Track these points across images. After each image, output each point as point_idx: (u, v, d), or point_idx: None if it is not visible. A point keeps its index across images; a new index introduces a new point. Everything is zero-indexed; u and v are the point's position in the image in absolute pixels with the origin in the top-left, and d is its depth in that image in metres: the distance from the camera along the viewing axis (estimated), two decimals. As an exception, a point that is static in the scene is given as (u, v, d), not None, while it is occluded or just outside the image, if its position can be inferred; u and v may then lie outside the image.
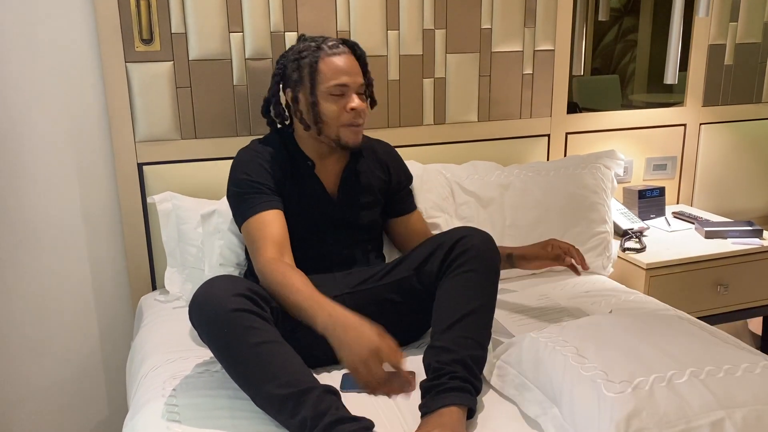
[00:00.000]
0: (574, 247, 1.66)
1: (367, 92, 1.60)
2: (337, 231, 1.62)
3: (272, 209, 1.52)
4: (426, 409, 1.24)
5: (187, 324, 1.66)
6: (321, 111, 1.53)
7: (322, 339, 1.44)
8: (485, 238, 1.43)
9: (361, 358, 1.25)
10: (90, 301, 1.99)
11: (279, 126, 1.68)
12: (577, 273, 1.66)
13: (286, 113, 1.64)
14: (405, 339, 1.57)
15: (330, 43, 1.55)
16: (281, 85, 1.61)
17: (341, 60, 1.53)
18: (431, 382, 1.28)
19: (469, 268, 1.39)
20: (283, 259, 1.46)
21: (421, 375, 1.37)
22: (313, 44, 1.55)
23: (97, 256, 1.96)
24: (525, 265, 1.71)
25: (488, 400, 1.34)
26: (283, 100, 1.64)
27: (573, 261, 1.64)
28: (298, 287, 1.38)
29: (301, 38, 1.60)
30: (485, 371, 1.37)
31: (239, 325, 1.24)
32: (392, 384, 1.32)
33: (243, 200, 1.54)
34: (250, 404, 1.28)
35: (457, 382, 1.26)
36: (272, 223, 1.50)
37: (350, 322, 1.29)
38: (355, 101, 1.53)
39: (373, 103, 1.64)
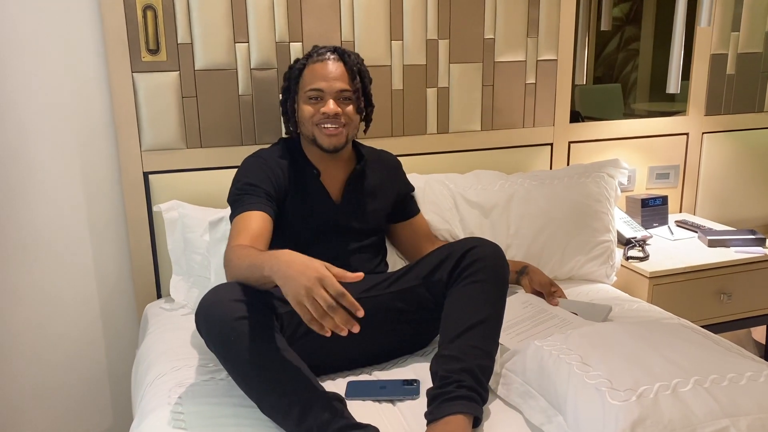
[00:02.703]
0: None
1: (357, 99, 1.61)
2: (342, 237, 1.64)
3: (259, 210, 1.52)
4: (432, 417, 1.24)
5: (193, 332, 1.68)
6: (299, 113, 1.63)
7: (326, 346, 1.45)
8: (495, 249, 1.44)
9: (305, 287, 1.12)
10: (95, 309, 1.99)
11: (286, 135, 1.74)
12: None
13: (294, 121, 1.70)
14: (412, 347, 1.58)
15: (320, 51, 1.62)
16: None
17: (323, 66, 1.59)
18: (438, 390, 1.28)
19: (478, 278, 1.39)
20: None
21: (428, 383, 1.38)
22: (310, 53, 1.64)
23: (103, 264, 1.97)
24: (524, 285, 1.82)
25: (493, 408, 1.34)
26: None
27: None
28: (249, 252, 1.33)
29: (312, 48, 1.68)
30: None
31: (244, 332, 1.24)
32: (336, 317, 1.12)
33: (237, 200, 1.56)
34: (256, 411, 1.28)
35: (464, 390, 1.26)
36: (254, 220, 1.50)
37: (295, 257, 1.19)
38: (329, 106, 1.57)
39: (360, 111, 1.63)
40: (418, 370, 1.48)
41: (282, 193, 1.60)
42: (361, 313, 1.13)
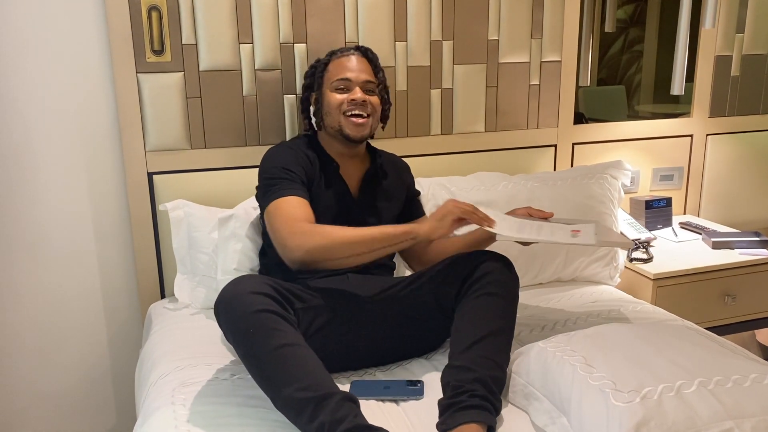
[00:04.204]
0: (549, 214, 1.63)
1: (380, 92, 1.69)
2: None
3: (301, 197, 1.53)
4: (444, 427, 1.22)
5: (196, 331, 1.68)
6: (325, 102, 1.65)
7: (335, 345, 1.45)
8: (505, 262, 1.44)
9: (451, 204, 1.44)
10: (99, 309, 2.00)
11: (306, 130, 1.78)
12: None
13: (314, 116, 1.72)
14: (419, 351, 1.58)
15: (343, 49, 1.70)
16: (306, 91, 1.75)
17: (348, 59, 1.67)
18: (450, 400, 1.26)
19: (489, 291, 1.39)
20: None
21: (431, 383, 1.37)
22: (333, 51, 1.71)
23: (107, 264, 1.97)
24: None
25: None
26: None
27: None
28: (357, 229, 1.45)
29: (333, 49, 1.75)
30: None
31: (263, 326, 1.25)
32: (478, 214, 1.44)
33: (273, 184, 1.55)
34: (259, 411, 1.28)
35: (476, 400, 1.24)
36: (302, 206, 1.51)
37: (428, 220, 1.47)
38: (357, 93, 1.62)
39: (384, 103, 1.72)
40: (422, 372, 1.48)
41: (309, 181, 1.61)
42: (493, 224, 1.44)
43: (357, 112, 1.61)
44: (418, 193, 1.85)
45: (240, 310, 1.27)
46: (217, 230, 1.77)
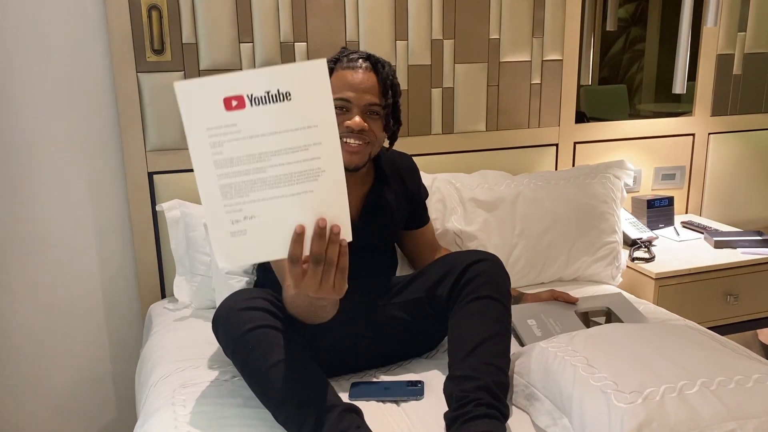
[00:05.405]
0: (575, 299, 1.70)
1: (386, 116, 1.46)
2: (358, 253, 1.58)
3: None
4: None
5: (197, 332, 1.68)
6: None
7: (333, 352, 1.44)
8: (496, 263, 1.41)
9: (288, 269, 1.05)
10: (99, 309, 2.00)
11: None
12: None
13: None
14: (419, 351, 1.57)
15: (351, 56, 1.46)
16: None
17: (352, 75, 1.43)
18: (456, 411, 1.23)
19: (481, 294, 1.36)
20: None
21: (432, 383, 1.37)
22: (338, 57, 1.48)
23: (107, 264, 1.97)
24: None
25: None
26: None
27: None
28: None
29: (340, 51, 1.51)
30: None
31: (260, 342, 1.23)
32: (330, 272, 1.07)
33: None
34: (259, 412, 1.28)
35: (483, 408, 1.21)
36: None
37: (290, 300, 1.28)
38: (355, 119, 1.41)
39: (388, 129, 1.50)
40: (423, 371, 1.48)
41: None
42: (337, 229, 1.05)
43: (352, 140, 1.41)
44: (426, 195, 1.76)
45: (237, 326, 1.25)
46: (206, 237, 1.76)
